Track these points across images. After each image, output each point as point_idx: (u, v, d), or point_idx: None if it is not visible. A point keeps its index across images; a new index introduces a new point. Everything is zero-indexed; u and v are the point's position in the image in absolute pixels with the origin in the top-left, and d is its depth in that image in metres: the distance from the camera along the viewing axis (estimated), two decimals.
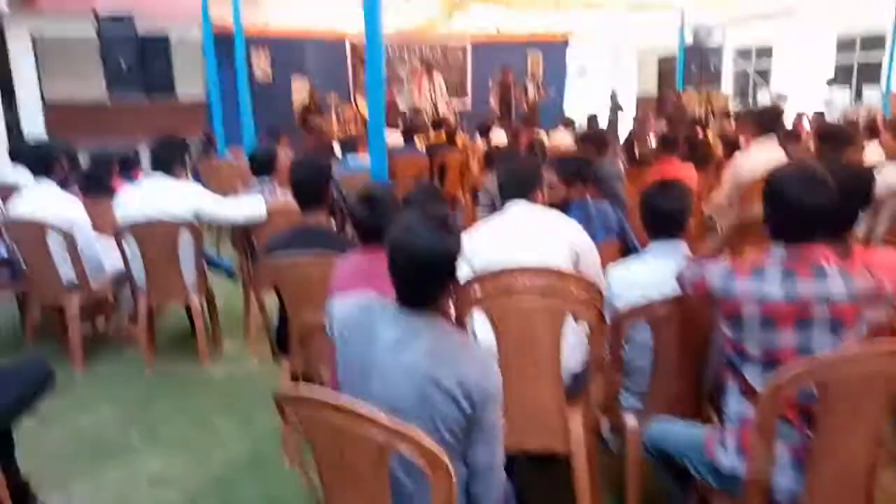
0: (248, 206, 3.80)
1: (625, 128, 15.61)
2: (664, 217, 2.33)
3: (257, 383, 3.76)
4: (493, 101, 14.22)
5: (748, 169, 4.08)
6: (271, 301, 3.04)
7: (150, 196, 3.71)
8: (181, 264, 3.79)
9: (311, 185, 2.93)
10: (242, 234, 3.93)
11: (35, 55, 14.69)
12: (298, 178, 2.93)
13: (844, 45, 13.88)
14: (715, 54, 12.66)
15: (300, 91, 14.23)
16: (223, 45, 10.54)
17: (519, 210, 2.61)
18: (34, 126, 14.33)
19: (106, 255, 4.01)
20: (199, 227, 3.78)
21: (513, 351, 2.18)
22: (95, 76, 15.46)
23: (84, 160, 5.12)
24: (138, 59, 9.76)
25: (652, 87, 21.11)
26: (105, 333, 4.44)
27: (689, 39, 12.35)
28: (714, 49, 12.64)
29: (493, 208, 4.02)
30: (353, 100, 13.14)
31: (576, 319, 2.20)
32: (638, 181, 4.37)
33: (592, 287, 2.14)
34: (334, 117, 11.62)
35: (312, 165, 2.96)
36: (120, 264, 4.11)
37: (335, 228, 3.08)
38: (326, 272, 2.73)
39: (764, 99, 16.25)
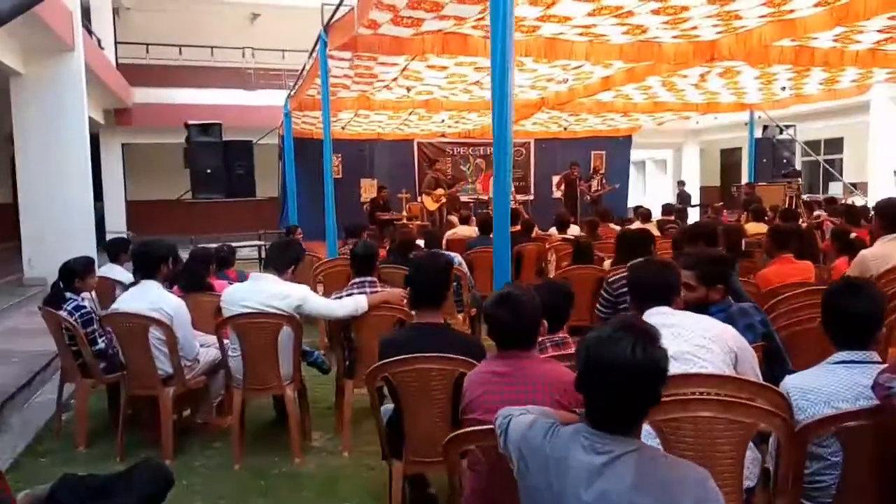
0: (350, 303, 3.76)
1: (693, 218, 15.41)
2: (856, 321, 2.08)
3: (351, 479, 3.59)
4: (560, 195, 14.38)
5: (875, 265, 3.86)
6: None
7: (257, 291, 3.71)
8: (279, 356, 3.74)
9: (432, 285, 2.84)
10: (339, 328, 3.87)
11: (123, 159, 15.77)
12: (418, 278, 2.84)
13: None
14: (786, 147, 12.54)
15: (368, 188, 14.75)
16: (298, 148, 11.18)
17: (666, 316, 2.42)
18: (117, 221, 15.12)
19: (201, 349, 4.02)
20: (299, 320, 3.75)
21: None
22: (177, 177, 16.51)
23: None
24: (223, 163, 10.25)
25: (715, 179, 21.00)
26: (191, 422, 4.36)
27: (758, 133, 12.29)
28: (785, 141, 12.52)
29: (615, 310, 3.85)
30: (419, 196, 13.43)
31: (760, 433, 1.97)
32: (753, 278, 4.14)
33: (781, 397, 1.93)
34: (404, 212, 11.85)
35: (433, 264, 2.87)
36: (212, 356, 4.13)
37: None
38: (448, 375, 2.63)
39: (836, 190, 15.89)
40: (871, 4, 5.70)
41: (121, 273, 5.39)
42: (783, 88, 9.59)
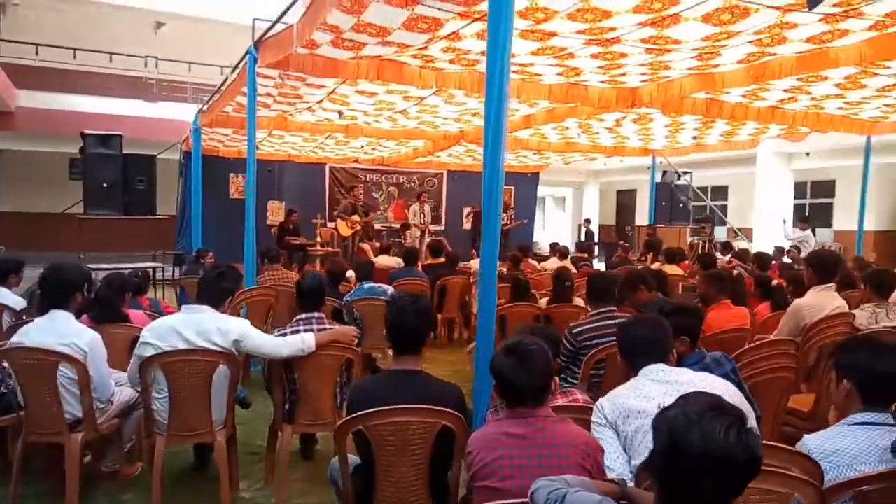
0: (296, 341, 3.44)
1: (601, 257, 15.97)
2: (886, 382, 2.03)
3: None
4: (469, 227, 14.49)
5: (809, 314, 4.02)
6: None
7: (191, 325, 3.32)
8: (213, 399, 3.36)
9: (415, 330, 2.61)
10: (280, 368, 3.53)
11: None
12: (401, 322, 2.61)
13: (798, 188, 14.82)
14: (682, 192, 13.26)
15: (275, 211, 14.20)
16: (203, 165, 10.57)
17: (666, 373, 2.33)
18: None
19: (115, 388, 3.57)
20: (237, 358, 3.39)
21: None
22: (61, 188, 15.15)
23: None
24: (122, 177, 9.47)
25: (611, 218, 21.97)
26: (94, 470, 3.83)
27: (657, 177, 12.96)
28: (682, 186, 13.25)
29: (575, 361, 3.71)
30: (328, 221, 13.11)
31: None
32: None
33: (814, 464, 1.86)
34: (318, 238, 11.45)
35: (416, 307, 2.62)
36: (127, 396, 3.68)
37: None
38: (429, 428, 2.42)
39: (721, 234, 17.02)
40: (786, 66, 6.11)
41: (9, 297, 4.74)
42: (693, 137, 10.14)
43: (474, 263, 9.17)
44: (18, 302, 4.76)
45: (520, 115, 9.39)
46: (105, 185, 9.56)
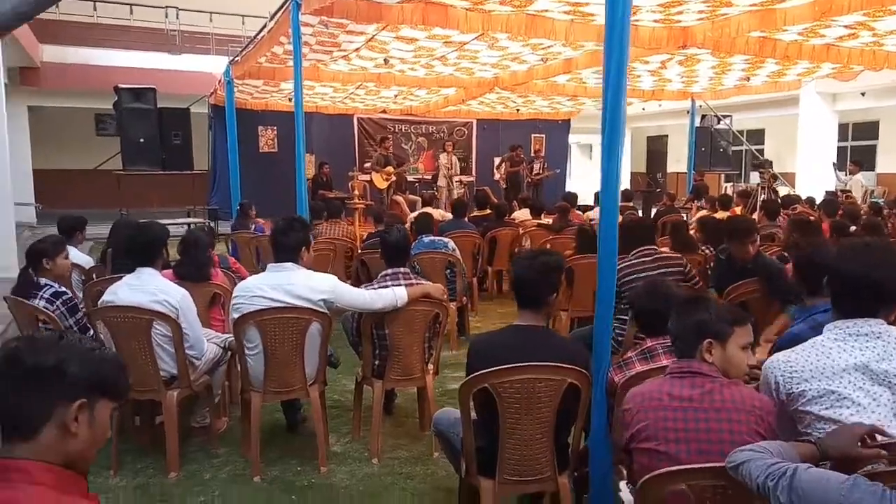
0: (389, 295, 3.38)
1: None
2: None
3: (390, 491, 3.27)
4: (500, 178, 14.25)
5: None
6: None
7: (281, 283, 3.26)
8: (306, 355, 3.33)
9: (538, 285, 2.52)
10: (371, 323, 3.48)
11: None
12: (524, 277, 2.53)
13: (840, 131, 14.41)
14: (722, 136, 12.93)
15: (306, 164, 14.05)
16: (223, 118, 10.42)
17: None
18: (23, 192, 13.68)
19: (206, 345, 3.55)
20: (329, 315, 3.34)
21: None
22: (89, 145, 15.09)
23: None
24: (157, 132, 9.36)
25: (641, 165, 21.61)
26: (186, 426, 3.86)
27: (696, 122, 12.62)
28: (721, 131, 12.91)
29: (618, 301, 3.63)
30: (360, 173, 12.93)
31: None
32: None
33: None
34: (356, 191, 11.33)
35: (540, 263, 2.55)
36: (214, 353, 3.67)
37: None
38: (556, 386, 2.37)
39: (756, 179, 16.70)
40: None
41: (79, 256, 4.71)
42: (740, 79, 9.80)
43: (518, 215, 9.05)
44: (87, 260, 4.74)
45: (561, 58, 9.10)
46: (142, 140, 9.50)
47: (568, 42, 7.77)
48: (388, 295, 3.38)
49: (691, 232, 6.11)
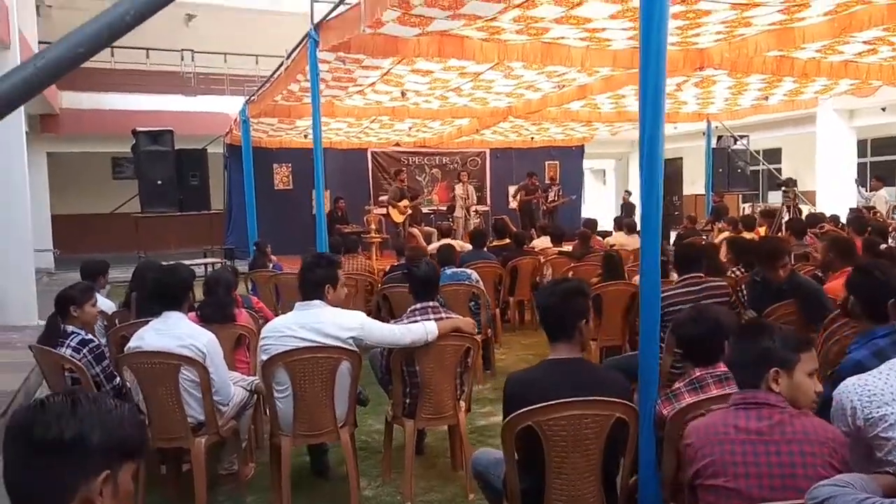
0: (419, 330, 3.28)
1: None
2: None
3: None
4: (516, 206, 14.22)
5: None
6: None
7: (309, 321, 3.17)
8: (335, 396, 3.23)
9: (565, 314, 2.43)
10: (401, 360, 3.38)
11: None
12: (550, 305, 2.44)
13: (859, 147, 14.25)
14: (739, 157, 12.80)
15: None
16: (238, 157, 10.46)
17: None
18: (42, 237, 13.80)
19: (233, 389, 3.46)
20: (358, 353, 3.24)
21: None
22: (105, 188, 15.25)
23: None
24: (175, 173, 9.41)
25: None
26: (212, 473, 3.75)
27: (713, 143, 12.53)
28: (738, 151, 12.79)
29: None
30: (385, 207, 12.94)
31: None
32: None
33: None
34: (373, 226, 11.32)
35: (562, 287, 2.47)
36: (241, 396, 3.57)
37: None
38: (603, 421, 2.25)
39: (776, 198, 16.51)
40: (875, 15, 5.74)
41: (102, 301, 4.66)
42: (766, 98, 9.74)
43: (538, 243, 8.96)
44: (110, 306, 4.69)
45: (576, 84, 9.09)
46: (159, 182, 9.52)
47: (584, 69, 7.77)
48: (418, 330, 3.28)
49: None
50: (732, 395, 1.92)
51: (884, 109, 12.08)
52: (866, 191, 10.44)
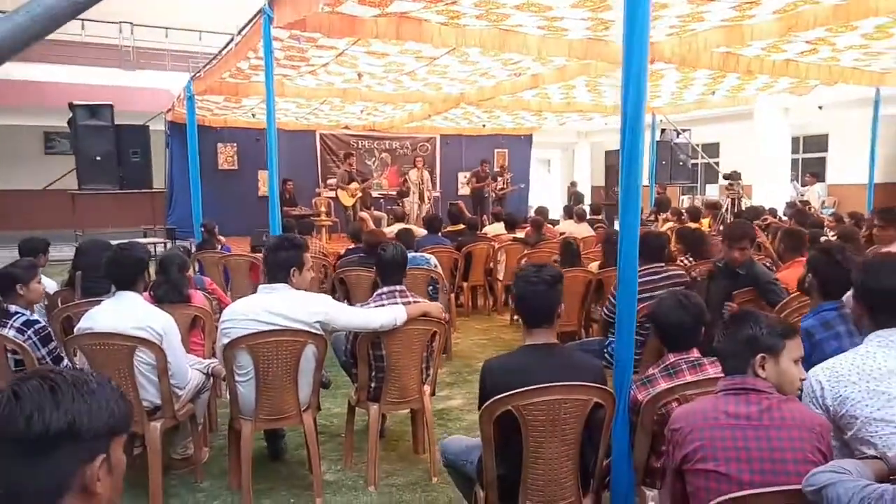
0: (387, 314, 3.23)
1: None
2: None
3: None
4: (468, 192, 14.26)
5: None
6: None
7: (272, 304, 3.08)
8: (299, 380, 3.16)
9: (545, 299, 2.42)
10: (367, 344, 3.33)
11: None
12: (528, 293, 2.43)
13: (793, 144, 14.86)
14: (681, 150, 13.17)
15: (266, 181, 13.76)
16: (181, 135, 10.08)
17: None
18: None
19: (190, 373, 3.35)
20: (324, 337, 3.18)
21: None
22: (36, 164, 14.47)
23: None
24: (115, 149, 9.01)
25: (600, 179, 21.91)
26: (165, 458, 3.62)
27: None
28: (680, 144, 13.15)
29: None
30: (333, 190, 12.76)
31: None
32: None
33: None
34: (322, 208, 11.13)
35: (547, 273, 2.44)
36: (198, 380, 3.46)
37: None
38: (582, 406, 2.27)
39: (713, 191, 17.09)
40: (820, 15, 5.97)
41: (45, 280, 4.41)
42: (713, 93, 10.01)
43: (491, 229, 9.00)
44: (52, 285, 4.45)
45: (530, 73, 9.13)
46: (98, 158, 9.12)
47: (539, 57, 7.80)
48: (386, 314, 3.24)
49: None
50: (720, 380, 1.96)
51: (820, 108, 12.62)
52: (800, 185, 10.90)
